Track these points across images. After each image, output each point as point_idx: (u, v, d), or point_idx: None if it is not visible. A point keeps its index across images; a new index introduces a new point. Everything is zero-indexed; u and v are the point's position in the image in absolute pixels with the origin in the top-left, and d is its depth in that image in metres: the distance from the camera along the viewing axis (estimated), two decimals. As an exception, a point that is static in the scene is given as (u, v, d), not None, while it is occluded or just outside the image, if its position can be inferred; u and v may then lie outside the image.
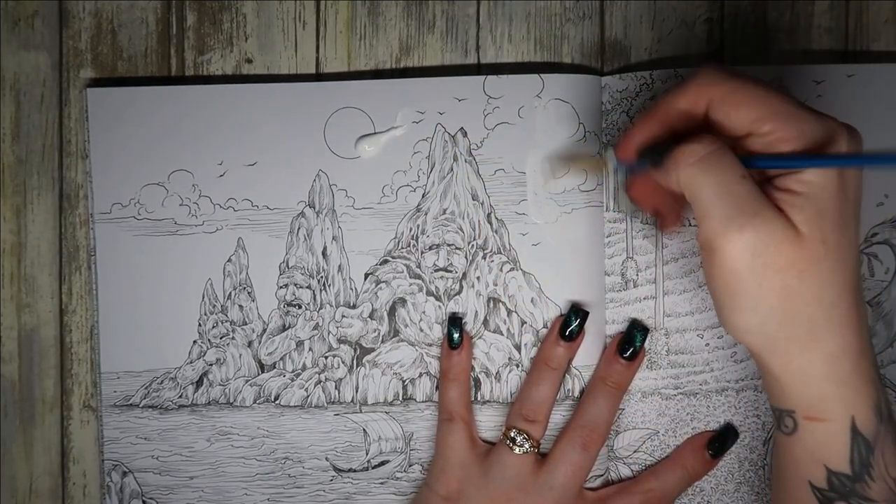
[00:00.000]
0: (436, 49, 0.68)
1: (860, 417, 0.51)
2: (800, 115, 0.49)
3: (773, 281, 0.49)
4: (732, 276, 0.49)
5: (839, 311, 0.50)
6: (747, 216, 0.48)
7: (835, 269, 0.49)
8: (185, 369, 0.67)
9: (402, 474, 0.67)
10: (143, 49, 0.68)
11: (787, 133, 0.49)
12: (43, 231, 0.68)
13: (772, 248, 0.48)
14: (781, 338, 0.50)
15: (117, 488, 0.67)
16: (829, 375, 0.50)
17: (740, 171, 0.49)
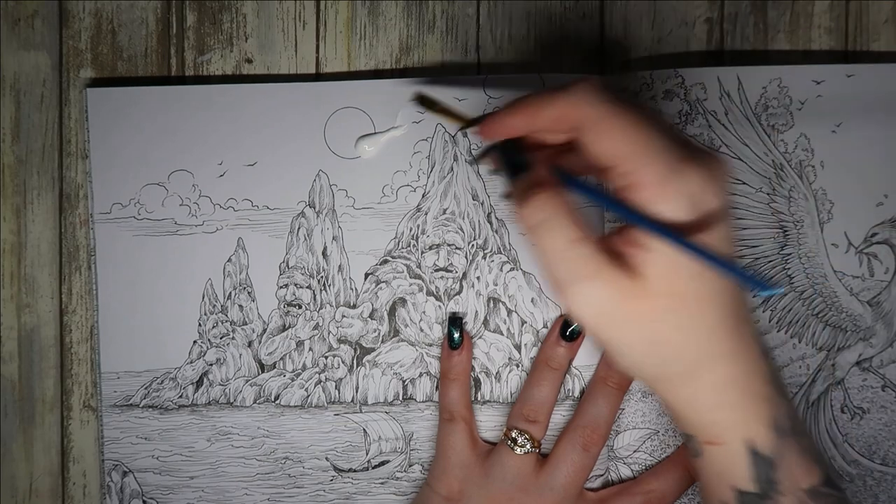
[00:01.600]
0: (436, 49, 0.68)
1: (757, 438, 0.51)
2: (662, 161, 0.47)
3: (628, 333, 0.49)
4: (588, 330, 0.49)
5: (714, 346, 0.49)
6: (583, 280, 0.47)
7: (696, 314, 0.48)
8: (186, 369, 0.67)
9: (402, 474, 0.67)
10: (143, 49, 0.68)
11: (644, 179, 0.47)
12: (43, 231, 0.68)
13: (615, 306, 0.48)
14: (660, 376, 0.51)
15: (117, 488, 0.67)
16: (716, 403, 0.51)
17: (573, 234, 0.47)
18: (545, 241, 0.48)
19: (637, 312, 0.48)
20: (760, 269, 0.66)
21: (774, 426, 0.51)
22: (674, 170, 0.47)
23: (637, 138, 0.47)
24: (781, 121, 0.66)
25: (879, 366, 0.66)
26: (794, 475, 0.51)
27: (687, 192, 0.47)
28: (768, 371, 0.51)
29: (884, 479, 0.66)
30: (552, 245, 0.48)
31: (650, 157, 0.47)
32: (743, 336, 0.50)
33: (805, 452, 0.52)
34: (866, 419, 0.67)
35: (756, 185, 0.66)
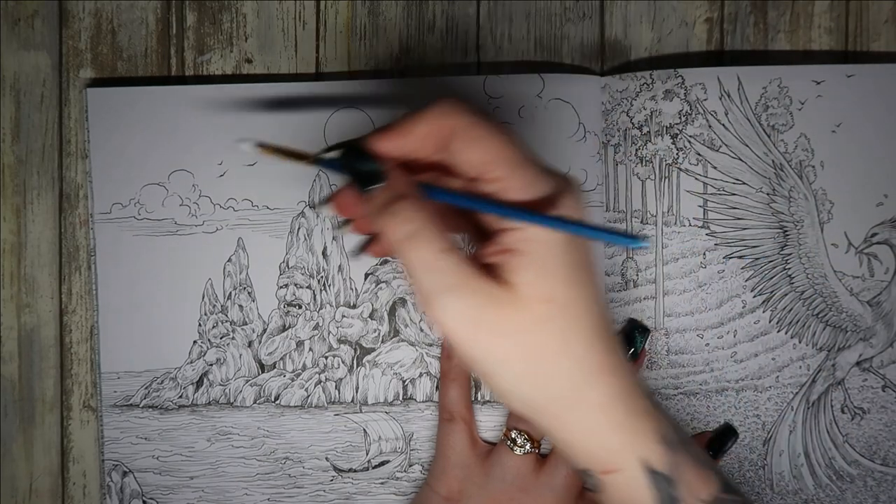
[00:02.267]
0: (436, 49, 0.68)
1: (651, 456, 0.49)
2: (528, 166, 0.47)
3: (501, 347, 0.47)
4: (457, 347, 0.48)
5: (595, 360, 0.48)
6: (449, 290, 0.46)
7: (573, 323, 0.47)
8: (186, 369, 0.67)
9: (402, 474, 0.67)
10: (143, 49, 0.68)
11: (514, 183, 0.47)
12: (43, 231, 0.68)
13: (486, 316, 0.46)
14: (541, 399, 0.49)
15: (117, 488, 0.67)
16: (605, 425, 0.49)
17: (441, 245, 0.46)
18: (412, 254, 0.47)
19: (508, 322, 0.47)
20: (761, 269, 0.66)
21: (664, 440, 0.50)
22: (541, 177, 0.47)
23: (504, 146, 0.47)
24: (781, 121, 0.66)
25: (880, 366, 0.66)
26: (693, 488, 0.50)
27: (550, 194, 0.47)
28: (643, 384, 0.51)
29: (884, 479, 0.67)
30: (419, 257, 0.47)
31: (518, 163, 0.47)
32: (616, 347, 0.49)
33: (698, 462, 0.51)
34: (867, 419, 0.67)
35: (756, 186, 0.66)
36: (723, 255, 0.66)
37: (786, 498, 0.67)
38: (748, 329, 0.66)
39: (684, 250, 0.66)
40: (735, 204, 0.66)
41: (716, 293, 0.66)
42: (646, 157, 0.66)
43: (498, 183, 0.47)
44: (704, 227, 0.66)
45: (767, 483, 0.66)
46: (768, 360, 0.66)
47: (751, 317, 0.66)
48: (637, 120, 0.66)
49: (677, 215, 0.66)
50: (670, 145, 0.66)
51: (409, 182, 0.49)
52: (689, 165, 0.66)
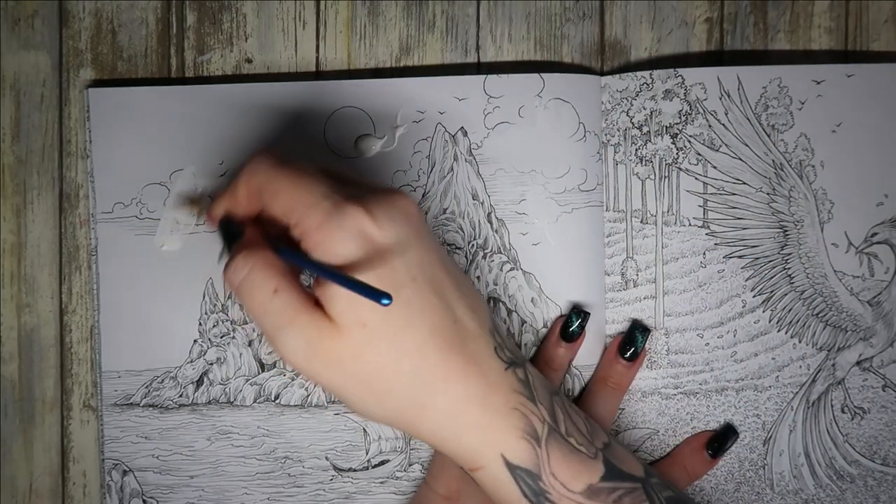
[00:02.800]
0: (436, 49, 0.68)
1: (510, 451, 0.51)
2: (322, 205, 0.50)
3: (337, 375, 0.50)
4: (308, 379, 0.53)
5: (431, 370, 0.50)
6: (283, 328, 0.50)
7: (396, 341, 0.50)
8: (186, 368, 0.67)
9: (402, 473, 0.67)
10: (143, 49, 0.68)
11: (308, 225, 0.50)
12: (43, 231, 0.68)
13: (318, 348, 0.49)
14: (390, 414, 0.51)
15: (117, 487, 0.67)
16: (458, 427, 0.51)
17: (272, 286, 0.50)
18: (247, 297, 0.51)
19: (337, 352, 0.50)
20: (761, 268, 0.66)
21: (526, 435, 0.51)
22: (334, 211, 0.49)
23: (298, 191, 0.50)
24: (781, 121, 0.66)
25: (880, 366, 0.66)
26: (563, 480, 0.52)
27: (351, 228, 0.49)
28: (514, 381, 0.52)
29: (884, 479, 0.67)
30: (253, 299, 0.51)
31: (310, 205, 0.50)
32: (468, 353, 0.51)
33: (574, 453, 0.52)
34: (867, 419, 0.67)
35: (756, 185, 0.66)
36: (723, 255, 0.66)
37: (786, 498, 0.67)
38: (748, 329, 0.66)
39: (684, 250, 0.67)
40: (735, 204, 0.66)
41: (716, 293, 0.66)
42: (646, 156, 0.66)
43: (299, 228, 0.50)
44: (704, 227, 0.66)
45: (767, 483, 0.66)
46: (768, 359, 0.66)
47: (751, 316, 0.66)
48: (637, 120, 0.66)
49: (677, 215, 0.66)
50: (670, 145, 0.66)
51: (258, 237, 0.53)
52: (689, 165, 0.66)
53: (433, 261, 0.51)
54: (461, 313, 0.52)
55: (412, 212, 0.51)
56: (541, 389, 0.53)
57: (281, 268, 0.51)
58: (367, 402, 0.51)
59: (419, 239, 0.51)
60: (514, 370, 0.53)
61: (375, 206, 0.50)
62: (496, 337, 0.53)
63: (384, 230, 0.49)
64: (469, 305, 0.52)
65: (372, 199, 0.50)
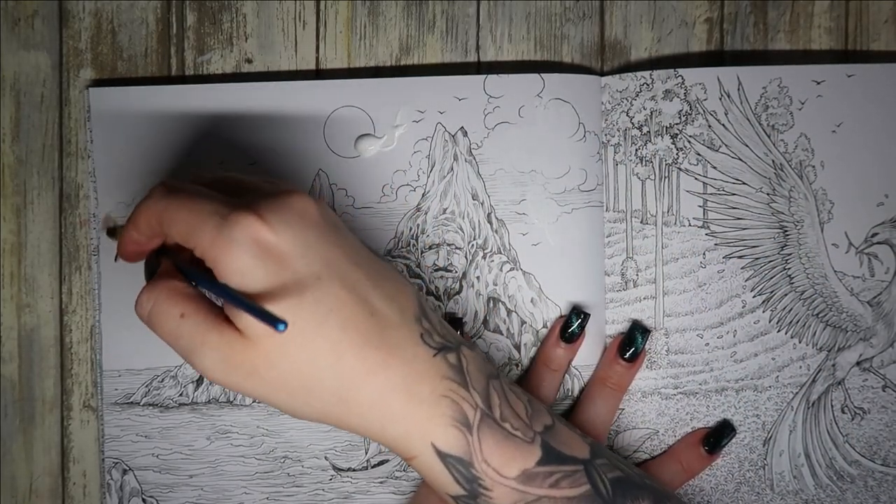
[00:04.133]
0: (436, 49, 0.68)
1: (439, 440, 0.51)
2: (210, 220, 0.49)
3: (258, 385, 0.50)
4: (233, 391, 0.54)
5: (346, 368, 0.50)
6: (196, 350, 0.50)
7: (307, 345, 0.49)
8: (186, 367, 0.67)
9: (401, 473, 0.67)
10: (143, 49, 0.68)
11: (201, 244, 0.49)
12: (43, 231, 0.68)
13: (233, 363, 0.49)
14: (319, 413, 0.51)
15: (117, 486, 0.67)
16: (383, 421, 0.51)
17: (177, 312, 0.50)
18: (157, 328, 0.51)
19: (251, 363, 0.49)
20: (761, 269, 0.66)
21: (456, 423, 0.51)
22: (223, 225, 0.48)
23: (187, 214, 0.50)
24: (781, 121, 0.66)
25: (880, 366, 0.66)
26: (496, 465, 0.52)
27: (243, 238, 0.48)
28: (444, 367, 0.52)
29: (885, 479, 0.66)
30: (162, 328, 0.51)
31: (200, 225, 0.49)
32: (389, 344, 0.51)
33: (508, 438, 0.52)
34: (867, 419, 0.66)
35: (756, 186, 0.66)
36: (723, 255, 0.66)
37: (786, 498, 0.66)
38: (748, 329, 0.66)
39: (684, 250, 0.66)
40: (735, 204, 0.66)
41: (716, 293, 0.66)
42: (646, 157, 0.66)
43: (196, 250, 0.50)
44: (704, 227, 0.66)
45: (767, 483, 0.66)
46: (768, 359, 0.66)
47: (751, 317, 0.66)
48: (637, 120, 0.66)
49: (677, 215, 0.66)
50: (670, 145, 0.66)
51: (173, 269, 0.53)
52: (689, 165, 0.66)
53: (339, 256, 0.50)
54: (379, 304, 0.51)
55: (309, 210, 0.50)
56: (475, 374, 0.53)
57: (186, 293, 0.51)
58: (292, 404, 0.51)
59: (320, 236, 0.50)
60: (445, 355, 0.52)
61: (267, 211, 0.49)
62: (423, 323, 0.52)
63: (279, 234, 0.49)
64: (387, 295, 0.52)
65: (263, 204, 0.49)
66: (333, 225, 0.52)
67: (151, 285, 0.52)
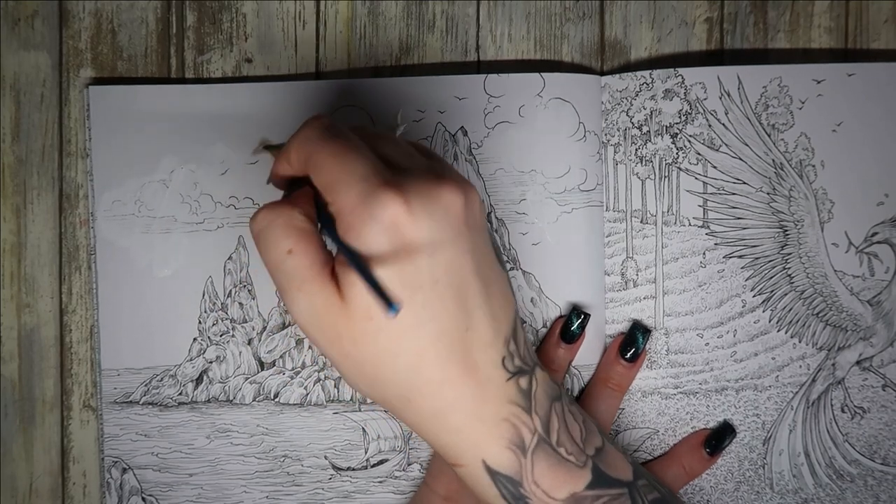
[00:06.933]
0: (436, 49, 0.68)
1: (492, 459, 0.51)
2: (357, 187, 0.48)
3: (332, 350, 0.50)
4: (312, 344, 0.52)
5: (424, 374, 0.49)
6: (293, 290, 0.49)
7: (397, 341, 0.48)
8: (185, 366, 0.67)
9: (400, 473, 0.67)
10: (143, 49, 0.68)
11: (341, 207, 0.48)
12: (43, 231, 0.68)
13: (322, 321, 0.49)
14: (378, 398, 0.51)
15: (117, 485, 0.67)
16: (441, 429, 0.51)
17: (286, 246, 0.49)
18: (263, 252, 0.50)
19: (337, 330, 0.49)
20: (761, 268, 0.66)
21: (514, 445, 0.51)
22: (368, 196, 0.47)
23: (337, 168, 0.48)
24: (782, 120, 0.66)
25: (880, 365, 0.66)
26: (546, 488, 0.52)
27: (383, 219, 0.47)
28: (512, 392, 0.51)
29: (884, 478, 0.66)
30: (268, 255, 0.50)
31: (345, 185, 0.48)
32: (471, 363, 0.50)
33: (561, 462, 0.52)
34: (867, 419, 0.66)
35: (756, 185, 0.66)
36: (723, 255, 0.66)
37: (786, 497, 0.66)
38: (748, 328, 0.66)
39: (684, 250, 0.66)
40: (735, 203, 0.66)
41: (716, 293, 0.66)
42: (646, 156, 0.66)
43: (333, 206, 0.49)
44: (704, 227, 0.66)
45: (767, 482, 0.66)
46: (768, 359, 0.66)
47: (751, 316, 0.66)
48: (637, 119, 0.66)
49: (677, 215, 0.66)
50: (670, 145, 0.66)
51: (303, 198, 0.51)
52: (689, 165, 0.66)
53: (464, 263, 0.49)
54: (479, 320, 0.50)
55: (455, 208, 0.49)
56: (541, 398, 0.53)
57: (303, 229, 0.49)
58: (358, 381, 0.50)
59: (456, 238, 0.49)
60: (518, 380, 0.52)
61: (415, 198, 0.47)
62: (510, 345, 0.52)
63: (418, 226, 0.47)
64: (490, 313, 0.50)
65: (414, 188, 0.48)
66: (473, 225, 0.50)
67: (272, 207, 0.50)
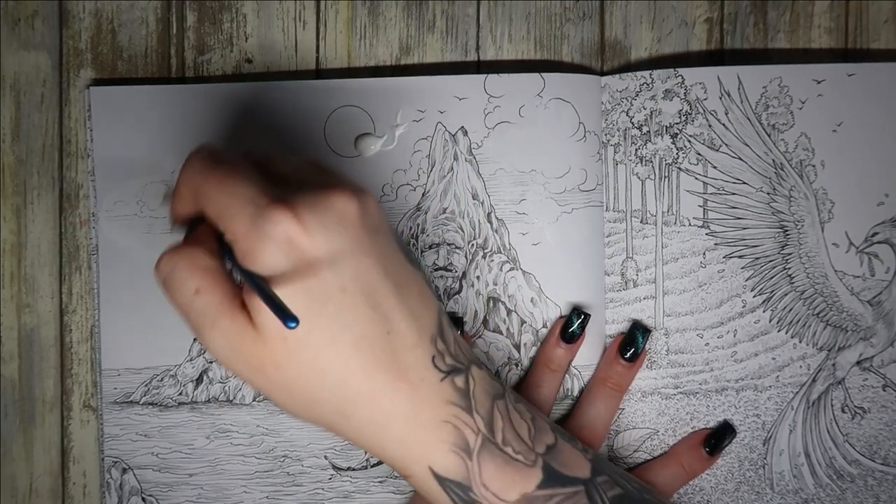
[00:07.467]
0: (436, 49, 0.68)
1: (438, 464, 0.50)
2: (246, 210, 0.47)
3: (259, 379, 0.49)
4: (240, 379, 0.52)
5: (353, 387, 0.49)
6: (205, 330, 0.48)
7: (318, 357, 0.48)
8: (186, 367, 0.67)
9: (401, 473, 0.67)
10: (143, 49, 0.68)
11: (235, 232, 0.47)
12: (43, 231, 0.68)
13: (240, 352, 0.48)
14: (316, 419, 0.50)
15: (117, 485, 0.67)
16: (382, 442, 0.50)
17: (192, 286, 0.48)
18: (171, 295, 0.49)
19: (259, 359, 0.48)
20: (761, 268, 0.66)
21: (458, 448, 0.50)
22: (258, 217, 0.47)
23: (224, 195, 0.48)
24: (782, 120, 0.66)
25: (880, 365, 0.66)
26: (495, 490, 0.51)
27: (277, 236, 0.46)
28: (449, 392, 0.51)
29: (885, 478, 0.66)
30: (175, 298, 0.49)
31: (235, 211, 0.47)
32: (399, 366, 0.49)
33: (509, 462, 0.51)
34: (867, 419, 0.66)
35: (756, 185, 0.66)
36: (723, 255, 0.66)
37: (786, 497, 0.66)
38: (748, 329, 0.66)
39: (684, 250, 0.66)
40: (735, 203, 0.66)
41: (716, 293, 0.66)
42: (646, 156, 0.66)
43: (228, 235, 0.48)
44: (704, 227, 0.66)
45: (767, 482, 0.66)
46: (768, 359, 0.66)
47: (751, 316, 0.66)
48: (637, 120, 0.66)
49: (677, 215, 0.66)
50: (670, 145, 0.66)
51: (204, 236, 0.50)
52: (689, 165, 0.66)
53: (370, 267, 0.48)
54: (398, 322, 0.49)
55: (349, 214, 0.48)
56: (481, 396, 0.52)
57: (207, 267, 0.49)
58: (293, 406, 0.50)
59: (355, 244, 0.48)
60: (453, 379, 0.51)
61: (306, 210, 0.47)
62: (437, 344, 0.51)
63: (313, 238, 0.47)
64: (410, 312, 0.50)
65: (303, 202, 0.47)
66: (373, 228, 0.49)
67: (174, 251, 0.50)
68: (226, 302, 0.48)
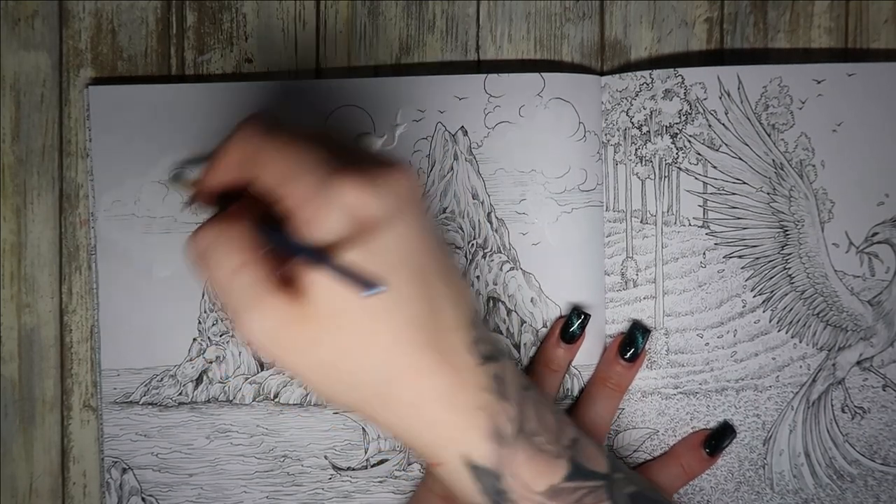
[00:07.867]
0: (436, 49, 0.68)
1: (472, 452, 0.50)
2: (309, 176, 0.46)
3: (298, 360, 0.47)
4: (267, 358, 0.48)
5: (396, 363, 0.48)
6: (248, 308, 0.46)
7: (366, 331, 0.46)
8: (185, 367, 0.67)
9: (400, 473, 0.67)
10: (143, 49, 0.68)
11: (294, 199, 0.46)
12: (43, 231, 0.68)
13: (280, 333, 0.46)
14: (352, 401, 0.49)
15: (117, 485, 0.67)
16: (420, 425, 0.49)
17: (237, 262, 0.46)
18: (209, 272, 0.48)
19: (301, 337, 0.46)
20: (761, 268, 0.66)
21: (492, 435, 0.50)
22: (323, 183, 0.45)
23: (284, 161, 0.46)
24: (782, 120, 0.66)
25: (880, 365, 0.66)
26: (525, 480, 0.51)
27: (339, 203, 0.45)
28: (486, 378, 0.50)
29: (885, 479, 0.66)
30: (216, 273, 0.47)
31: (297, 176, 0.46)
32: (442, 347, 0.48)
33: (539, 453, 0.51)
34: (867, 419, 0.66)
35: (756, 185, 0.66)
36: (723, 255, 0.66)
37: (786, 497, 0.66)
38: (748, 329, 0.66)
39: (684, 250, 0.66)
40: (735, 203, 0.66)
41: (716, 293, 0.66)
42: (646, 156, 0.66)
43: (285, 202, 0.46)
44: (704, 227, 0.66)
45: (767, 482, 0.66)
46: (768, 359, 0.66)
47: (751, 316, 0.66)
48: (637, 119, 0.66)
49: (677, 215, 0.66)
50: (670, 145, 0.66)
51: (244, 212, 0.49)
52: (689, 165, 0.66)
53: (423, 247, 0.48)
54: (442, 303, 0.48)
55: (404, 189, 0.47)
56: (512, 386, 0.51)
57: (251, 242, 0.47)
58: (328, 388, 0.49)
59: (411, 221, 0.47)
60: (489, 366, 0.50)
61: (370, 183, 0.46)
62: (475, 329, 0.50)
63: (376, 209, 0.46)
64: (452, 295, 0.49)
65: (367, 174, 0.46)
66: (423, 209, 0.49)
67: (214, 223, 0.48)
68: (272, 279, 0.46)
